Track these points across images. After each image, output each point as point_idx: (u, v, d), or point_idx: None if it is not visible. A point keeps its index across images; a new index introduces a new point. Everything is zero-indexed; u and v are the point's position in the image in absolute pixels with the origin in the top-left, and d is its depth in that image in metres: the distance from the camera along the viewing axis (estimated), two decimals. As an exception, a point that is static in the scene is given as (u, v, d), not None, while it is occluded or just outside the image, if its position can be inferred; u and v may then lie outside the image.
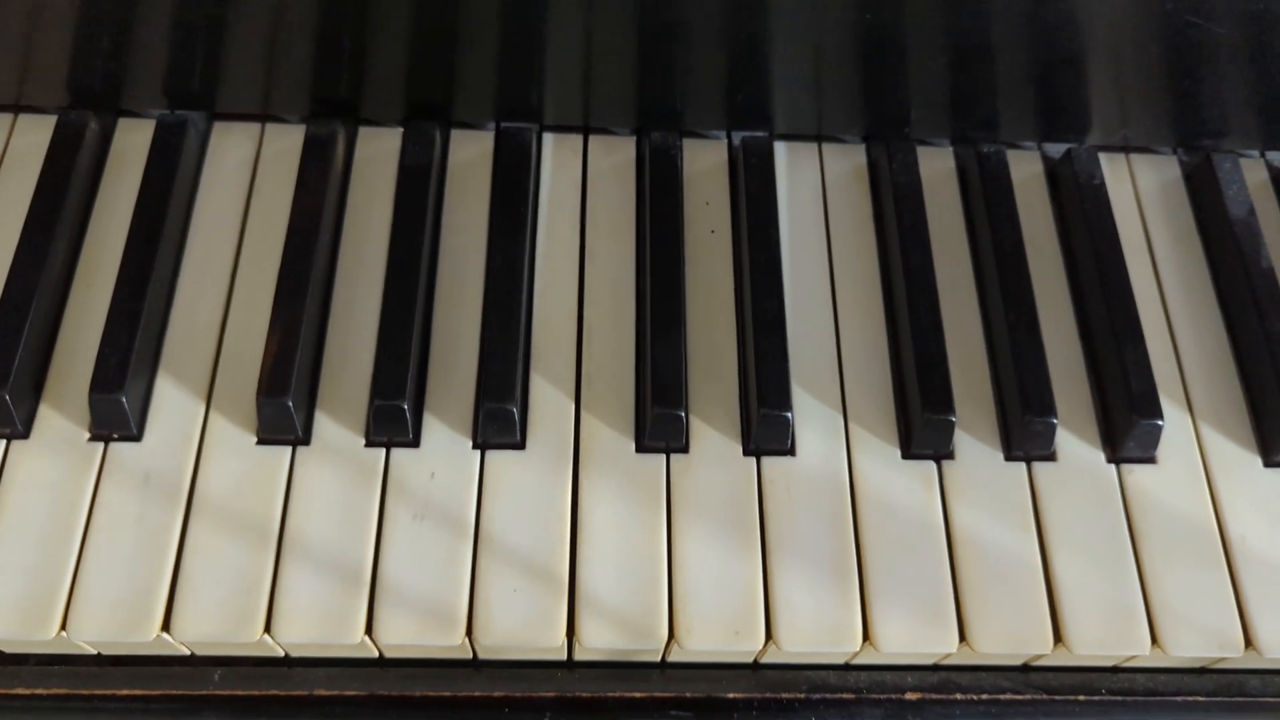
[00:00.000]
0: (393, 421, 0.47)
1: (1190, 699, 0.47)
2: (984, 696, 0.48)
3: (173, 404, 0.48)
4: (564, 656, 0.47)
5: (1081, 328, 0.53)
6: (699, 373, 0.50)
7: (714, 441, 0.49)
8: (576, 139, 0.57)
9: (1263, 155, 0.59)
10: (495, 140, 0.56)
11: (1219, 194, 0.56)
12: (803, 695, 0.48)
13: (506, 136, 0.56)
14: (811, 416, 0.50)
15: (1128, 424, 0.49)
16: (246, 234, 0.53)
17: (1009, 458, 0.49)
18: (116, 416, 0.46)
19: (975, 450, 0.50)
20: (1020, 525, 0.48)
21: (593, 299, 0.52)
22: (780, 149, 0.57)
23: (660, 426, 0.47)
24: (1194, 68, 0.53)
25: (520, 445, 0.48)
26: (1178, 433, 0.50)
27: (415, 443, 0.48)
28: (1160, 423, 0.48)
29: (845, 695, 0.48)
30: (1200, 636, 0.46)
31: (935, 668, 0.49)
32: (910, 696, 0.48)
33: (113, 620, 0.43)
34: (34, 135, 0.54)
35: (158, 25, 0.51)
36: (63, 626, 0.43)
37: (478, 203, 0.54)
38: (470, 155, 0.56)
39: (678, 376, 0.48)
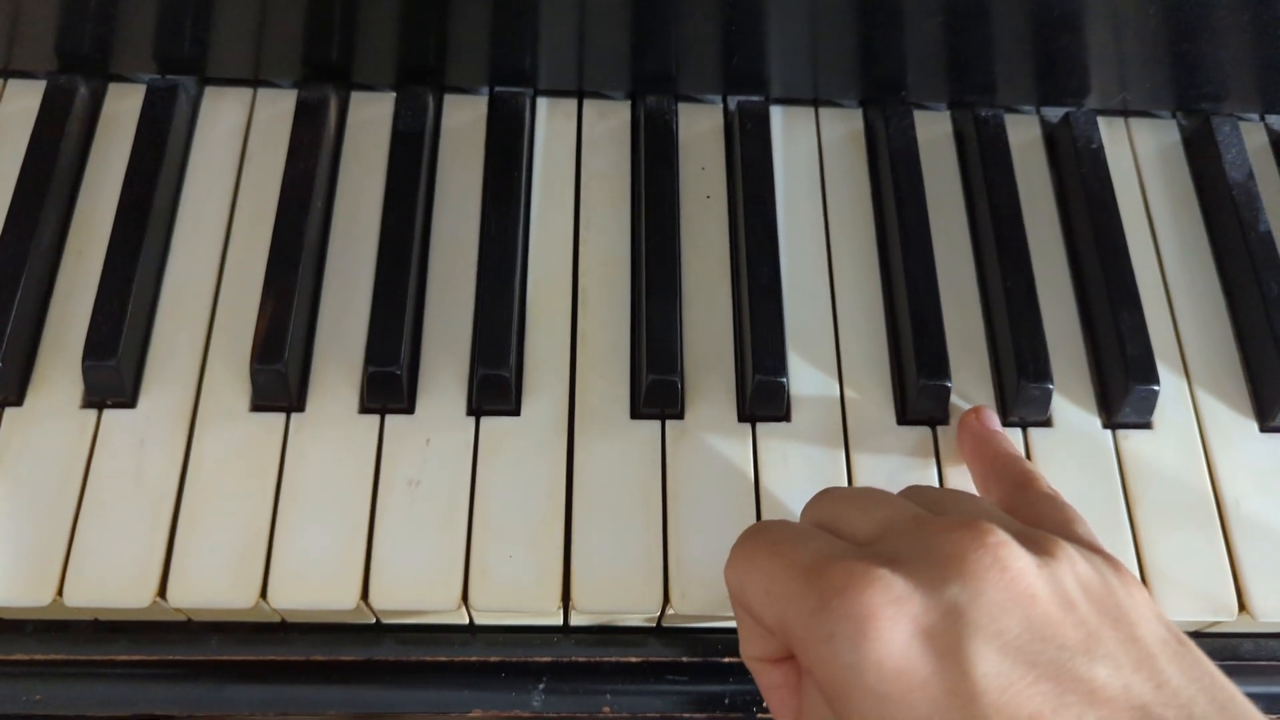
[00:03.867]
0: (387, 388, 0.47)
1: (1183, 662, 0.47)
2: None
3: (167, 371, 0.48)
4: (559, 621, 0.47)
5: (1078, 293, 0.53)
6: (694, 339, 0.50)
7: (709, 407, 0.48)
8: (571, 103, 0.56)
9: (1262, 119, 0.59)
10: (489, 105, 0.56)
11: (1218, 158, 0.56)
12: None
13: (500, 101, 0.55)
14: (807, 382, 0.49)
15: (1123, 389, 0.49)
16: (239, 200, 0.52)
17: (1005, 423, 0.49)
18: (110, 383, 0.46)
19: (971, 416, 0.50)
20: (1015, 490, 0.48)
21: (587, 265, 0.52)
22: (776, 113, 0.57)
23: (656, 392, 0.47)
24: (1193, 29, 0.52)
25: (515, 411, 0.48)
26: (1174, 398, 0.50)
27: (410, 409, 0.48)
28: (1156, 388, 0.48)
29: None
30: (1194, 601, 0.46)
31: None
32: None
33: (109, 585, 0.43)
34: (23, 100, 0.54)
35: (147, -12, 0.51)
36: (59, 592, 0.43)
37: (471, 168, 0.54)
38: (464, 120, 0.55)
39: (673, 342, 0.48)
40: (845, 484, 0.47)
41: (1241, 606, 0.46)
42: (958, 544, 0.32)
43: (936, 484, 0.48)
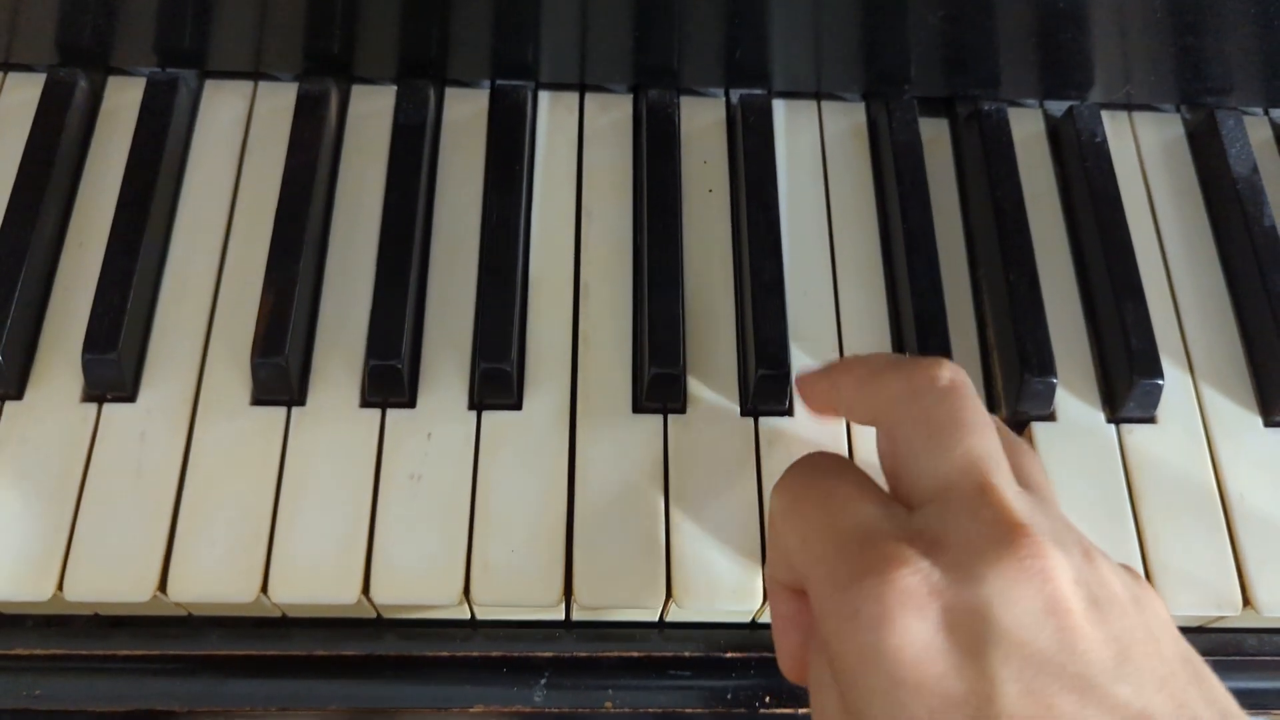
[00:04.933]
0: (388, 382, 0.47)
1: (1187, 657, 0.47)
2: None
3: (167, 364, 0.48)
4: (561, 616, 0.47)
5: (1082, 287, 0.53)
6: (697, 332, 0.50)
7: (712, 401, 0.48)
8: (572, 97, 0.56)
9: (1267, 113, 0.58)
10: (490, 98, 0.56)
11: (1222, 152, 0.55)
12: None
13: (501, 94, 0.55)
14: (810, 376, 0.49)
15: (1128, 384, 0.48)
16: (239, 193, 0.52)
17: (1008, 417, 0.49)
18: (110, 377, 0.46)
19: (974, 410, 0.49)
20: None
21: (589, 258, 0.52)
22: (779, 107, 0.57)
23: (658, 386, 0.47)
24: (1198, 22, 0.52)
25: (517, 405, 0.48)
26: (1178, 392, 0.50)
27: (411, 403, 0.47)
28: (1160, 382, 0.48)
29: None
30: (1198, 595, 0.46)
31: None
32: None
33: (109, 580, 0.43)
34: (23, 94, 0.54)
35: (147, -20, 0.50)
36: (59, 587, 0.43)
37: (473, 161, 0.54)
38: (465, 113, 0.55)
39: (675, 336, 0.48)
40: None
41: (1246, 601, 0.46)
42: (1005, 543, 0.31)
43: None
